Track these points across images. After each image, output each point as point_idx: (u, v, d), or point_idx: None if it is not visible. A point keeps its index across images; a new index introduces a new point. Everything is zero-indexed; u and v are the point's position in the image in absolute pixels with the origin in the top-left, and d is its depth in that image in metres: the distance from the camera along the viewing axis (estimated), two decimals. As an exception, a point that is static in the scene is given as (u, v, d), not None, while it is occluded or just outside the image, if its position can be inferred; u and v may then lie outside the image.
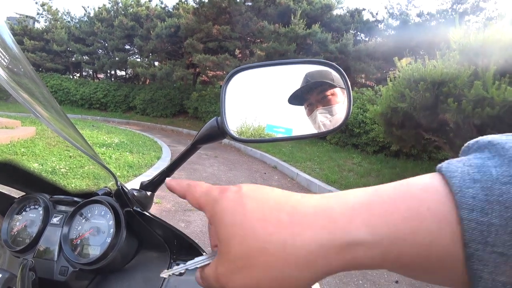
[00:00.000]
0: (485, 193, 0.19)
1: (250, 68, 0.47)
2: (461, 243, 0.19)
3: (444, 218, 0.20)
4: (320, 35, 9.92)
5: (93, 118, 13.06)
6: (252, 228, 0.23)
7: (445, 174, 0.21)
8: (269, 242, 0.23)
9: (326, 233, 0.22)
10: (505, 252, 0.18)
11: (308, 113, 0.50)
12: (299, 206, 0.24)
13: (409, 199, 0.21)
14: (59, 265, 0.52)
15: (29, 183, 0.64)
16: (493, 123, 3.17)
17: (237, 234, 0.24)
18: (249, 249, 0.23)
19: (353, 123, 7.37)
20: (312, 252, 0.22)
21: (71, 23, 17.68)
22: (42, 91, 0.56)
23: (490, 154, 0.21)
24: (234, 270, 0.24)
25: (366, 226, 0.21)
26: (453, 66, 3.27)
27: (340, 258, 0.22)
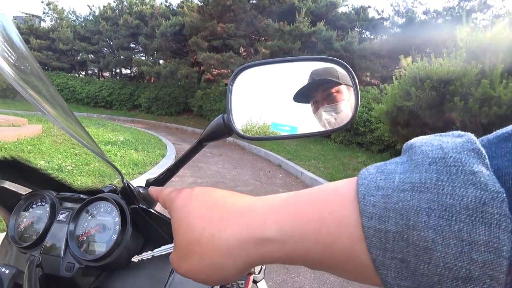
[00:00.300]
0: (384, 201, 0.20)
1: (256, 65, 0.47)
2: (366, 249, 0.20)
3: (343, 222, 0.21)
4: (325, 33, 9.87)
5: (99, 116, 13.14)
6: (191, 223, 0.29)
7: (358, 179, 0.22)
8: (202, 235, 0.27)
9: (245, 230, 0.25)
10: (404, 258, 0.19)
11: (314, 111, 0.49)
12: (230, 207, 0.28)
13: (316, 203, 0.23)
14: (65, 262, 0.52)
15: (36, 180, 0.64)
16: (500, 122, 3.14)
17: (182, 227, 0.30)
18: (189, 240, 0.28)
19: (358, 122, 7.33)
20: (233, 245, 0.26)
21: (77, 22, 17.80)
22: (49, 89, 0.57)
23: (405, 158, 0.22)
24: (181, 257, 0.29)
25: (276, 226, 0.24)
26: (460, 65, 3.23)
27: (256, 252, 0.25)
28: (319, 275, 2.47)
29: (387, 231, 0.19)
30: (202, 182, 4.72)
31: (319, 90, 0.49)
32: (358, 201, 0.21)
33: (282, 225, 0.24)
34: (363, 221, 0.20)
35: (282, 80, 0.49)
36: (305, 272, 2.50)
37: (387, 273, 0.20)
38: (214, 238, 0.27)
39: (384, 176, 0.21)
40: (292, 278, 2.40)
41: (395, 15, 11.67)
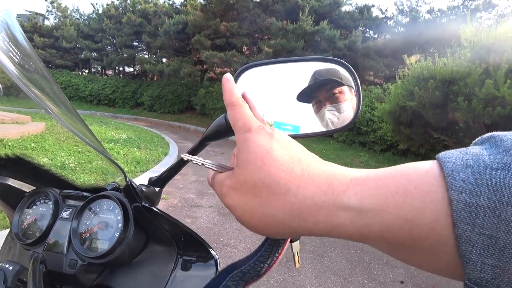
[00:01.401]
0: (475, 177, 0.20)
1: (259, 65, 0.47)
2: (450, 224, 0.20)
3: (429, 196, 0.21)
4: (329, 32, 9.85)
5: (102, 114, 13.20)
6: (269, 166, 0.26)
7: (440, 159, 0.22)
8: (277, 184, 0.26)
9: (323, 195, 0.24)
10: (493, 235, 0.19)
11: (316, 111, 0.49)
12: (313, 167, 0.27)
13: (399, 178, 0.23)
14: (68, 258, 0.53)
15: (40, 177, 0.65)
16: (504, 123, 3.12)
17: (255, 164, 0.27)
18: (259, 180, 0.26)
19: (361, 121, 7.32)
20: (306, 207, 0.25)
21: (80, 20, 17.88)
22: (53, 87, 0.57)
23: (488, 145, 0.22)
24: (237, 189, 0.28)
25: (356, 196, 0.23)
26: (464, 64, 3.22)
27: (327, 220, 0.24)
28: (320, 275, 2.48)
29: (478, 206, 0.19)
30: (204, 180, 4.73)
31: (322, 90, 0.49)
32: (445, 176, 0.21)
33: (362, 197, 0.23)
34: (451, 195, 0.20)
35: (284, 80, 0.49)
36: (305, 271, 2.50)
37: (472, 250, 0.19)
38: (289, 193, 0.25)
39: (470, 157, 0.21)
40: (293, 277, 2.40)
41: (399, 14, 11.63)
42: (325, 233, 0.25)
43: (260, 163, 0.27)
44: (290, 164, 0.27)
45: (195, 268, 0.54)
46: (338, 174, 0.25)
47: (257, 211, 0.27)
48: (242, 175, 0.27)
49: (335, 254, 2.85)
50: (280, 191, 0.25)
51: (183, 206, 3.60)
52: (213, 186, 0.32)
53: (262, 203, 0.26)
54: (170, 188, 4.15)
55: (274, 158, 0.27)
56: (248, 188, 0.27)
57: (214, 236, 2.94)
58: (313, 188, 0.25)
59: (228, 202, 0.29)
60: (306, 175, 0.26)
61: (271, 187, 0.26)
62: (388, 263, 2.77)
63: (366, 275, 2.55)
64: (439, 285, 2.50)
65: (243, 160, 0.28)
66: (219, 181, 0.31)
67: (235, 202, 0.28)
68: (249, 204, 0.27)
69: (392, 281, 2.49)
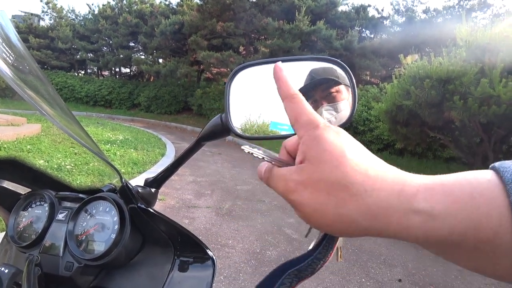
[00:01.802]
0: None
1: (255, 65, 0.47)
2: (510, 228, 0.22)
3: (494, 202, 0.23)
4: (325, 31, 9.86)
5: (98, 115, 13.14)
6: (345, 166, 0.26)
7: (498, 169, 0.24)
8: (353, 184, 0.26)
9: (396, 197, 0.25)
10: None
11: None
12: (382, 169, 0.27)
13: (465, 185, 0.24)
14: (65, 261, 0.53)
15: (35, 179, 0.64)
16: (500, 122, 3.14)
17: (330, 163, 0.27)
18: (335, 179, 0.26)
19: (358, 121, 7.34)
20: (380, 208, 0.25)
21: (76, 21, 17.76)
22: (47, 88, 0.57)
23: None
24: (309, 186, 0.27)
25: (425, 201, 0.24)
26: (459, 64, 3.23)
27: (398, 223, 0.25)
28: (318, 274, 2.48)
29: None
30: (202, 181, 4.72)
31: (319, 89, 0.49)
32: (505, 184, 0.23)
33: (432, 202, 0.24)
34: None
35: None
36: (304, 271, 2.51)
37: None
38: (365, 194, 0.26)
39: None
40: (292, 277, 2.40)
41: (395, 14, 11.67)
42: (394, 235, 0.26)
43: (336, 162, 0.27)
44: (364, 164, 0.27)
45: (192, 269, 0.54)
46: (408, 179, 0.26)
47: (331, 210, 0.27)
48: (316, 173, 0.27)
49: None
50: (357, 192, 0.26)
51: (180, 207, 3.60)
52: (271, 180, 0.32)
53: (337, 202, 0.26)
54: (167, 189, 4.14)
55: (349, 158, 0.27)
56: (323, 186, 0.27)
57: (212, 236, 2.93)
58: (387, 191, 0.25)
59: (297, 199, 0.28)
60: (380, 177, 0.26)
61: (348, 187, 0.26)
62: (385, 262, 2.78)
63: (364, 274, 2.56)
64: (436, 283, 2.52)
65: (316, 157, 0.28)
66: (281, 175, 0.30)
67: (306, 199, 0.28)
68: (323, 202, 0.27)
69: (390, 280, 2.50)
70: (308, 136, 0.29)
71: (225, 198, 4.06)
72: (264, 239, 3.00)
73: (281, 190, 0.30)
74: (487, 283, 2.59)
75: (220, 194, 4.22)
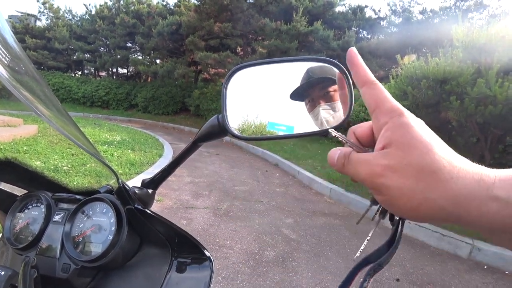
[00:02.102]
0: None
1: (252, 65, 0.47)
2: None
3: None
4: (322, 32, 9.88)
5: (95, 116, 13.09)
6: (434, 153, 0.28)
7: None
8: (442, 171, 0.27)
9: (477, 185, 0.27)
10: None
11: (310, 109, 0.49)
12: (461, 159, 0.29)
13: None
14: (61, 262, 0.52)
15: (32, 181, 0.64)
16: (496, 122, 3.16)
17: (421, 149, 0.28)
18: (426, 165, 0.28)
19: (355, 121, 7.31)
20: (463, 195, 0.27)
21: (73, 21, 17.69)
22: (44, 89, 0.56)
23: None
24: (398, 171, 0.28)
25: (502, 189, 0.26)
26: (456, 64, 3.25)
27: (478, 210, 0.26)
28: (316, 274, 2.48)
29: None
30: (200, 181, 4.71)
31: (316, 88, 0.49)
32: None
33: (508, 190, 0.26)
34: None
35: (277, 80, 0.49)
36: (302, 271, 2.51)
37: None
38: (452, 181, 0.27)
39: None
40: (290, 277, 2.40)
41: (392, 15, 11.72)
42: (472, 221, 0.27)
43: (425, 149, 0.28)
44: (448, 153, 0.28)
45: (190, 270, 0.54)
46: (484, 170, 0.28)
47: (418, 195, 0.28)
48: (405, 158, 0.28)
49: (331, 253, 2.86)
50: (444, 178, 0.27)
51: (178, 207, 3.59)
52: (349, 165, 0.33)
53: (425, 187, 0.27)
54: (165, 190, 4.13)
55: (436, 145, 0.28)
56: (412, 172, 0.28)
57: (210, 237, 2.93)
58: (469, 179, 0.27)
59: (385, 182, 0.29)
60: (462, 166, 0.28)
61: (437, 174, 0.27)
62: (383, 261, 2.79)
63: (362, 273, 2.56)
64: (434, 282, 2.52)
65: (404, 143, 0.29)
66: (364, 160, 0.31)
67: (394, 183, 0.29)
68: (410, 187, 0.28)
69: (388, 279, 2.51)
70: (393, 123, 0.30)
71: (223, 199, 4.05)
72: (262, 240, 3.00)
73: (365, 174, 0.31)
74: (484, 282, 2.60)
75: (218, 194, 4.22)
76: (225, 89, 0.47)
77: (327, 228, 3.43)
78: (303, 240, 3.08)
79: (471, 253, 3.01)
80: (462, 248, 3.06)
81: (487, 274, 2.76)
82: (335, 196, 4.49)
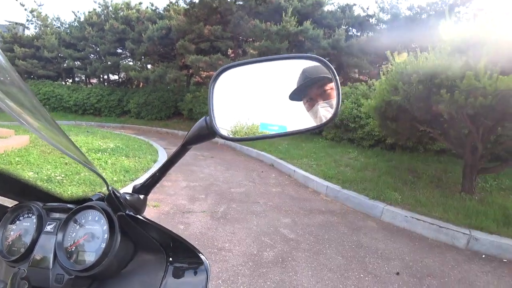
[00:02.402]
0: None
1: (239, 65, 0.47)
2: None
3: None
4: (312, 31, 9.93)
5: (88, 124, 12.97)
6: None
7: None
8: None
9: None
10: None
11: (308, 108, 0.50)
12: None
13: None
14: (55, 273, 0.51)
15: (22, 191, 0.63)
16: (487, 113, 3.20)
17: None
18: None
19: (348, 118, 7.39)
20: None
21: (61, 29, 17.51)
22: (31, 100, 0.56)
23: None
24: None
25: None
26: (445, 58, 3.28)
27: None
28: (316, 272, 2.48)
29: None
30: (195, 185, 4.70)
31: (314, 87, 0.50)
32: None
33: None
34: None
35: (266, 79, 0.49)
36: (302, 270, 2.51)
37: None
38: None
39: None
40: (290, 276, 2.40)
41: (381, 12, 11.80)
42: None
43: None
44: None
45: (186, 275, 0.53)
46: None
47: None
48: None
49: (330, 251, 2.86)
50: None
51: (175, 212, 3.57)
52: None
53: None
54: (161, 195, 4.11)
55: None
56: None
57: (208, 241, 2.91)
58: None
59: None
60: None
61: None
62: (383, 256, 2.80)
63: (362, 269, 2.57)
64: (433, 274, 2.54)
65: None
66: None
67: None
68: None
69: (388, 273, 2.52)
70: None
71: (219, 202, 4.04)
72: (260, 241, 2.99)
73: None
74: (483, 271, 2.63)
75: (214, 197, 4.20)
76: (212, 90, 0.47)
77: (325, 226, 3.44)
78: (301, 239, 3.08)
79: (468, 243, 3.05)
80: (460, 239, 3.09)
81: (486, 263, 2.79)
82: (331, 193, 4.50)
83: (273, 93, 0.49)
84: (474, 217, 3.34)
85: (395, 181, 4.64)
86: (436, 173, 5.13)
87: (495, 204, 3.72)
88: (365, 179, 4.75)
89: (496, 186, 4.50)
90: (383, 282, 2.41)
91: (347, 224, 3.53)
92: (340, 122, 7.59)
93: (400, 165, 5.57)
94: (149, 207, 3.64)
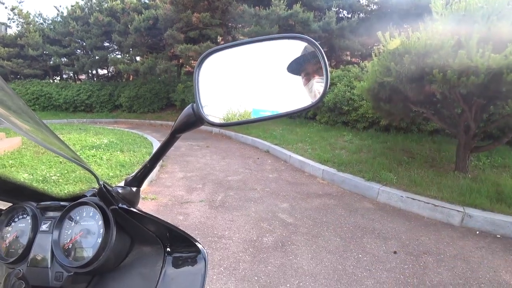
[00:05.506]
0: None
1: (224, 48, 0.46)
2: None
3: None
4: (302, 15, 9.78)
5: (79, 121, 12.82)
6: None
7: None
8: None
9: None
10: None
11: (305, 83, 0.50)
12: None
13: None
14: (54, 271, 0.52)
15: (15, 192, 0.62)
16: (479, 91, 3.21)
17: None
18: None
19: (341, 101, 7.38)
20: None
21: (45, 25, 17.06)
22: (17, 102, 0.55)
23: None
24: None
25: None
26: (437, 37, 3.26)
27: None
28: (316, 255, 2.53)
29: None
30: (192, 175, 4.70)
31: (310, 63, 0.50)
32: None
33: None
34: None
35: (252, 61, 0.48)
36: (301, 253, 2.55)
37: None
38: None
39: None
40: (290, 260, 2.44)
41: (370, -8, 11.64)
42: None
43: None
44: None
45: (184, 264, 0.54)
46: None
47: None
48: None
49: (328, 233, 2.91)
50: None
51: (173, 204, 3.58)
52: None
53: None
54: (158, 187, 4.11)
55: None
56: None
57: (208, 229, 2.94)
58: None
59: None
60: None
61: None
62: (380, 235, 2.86)
63: (361, 249, 2.62)
64: (429, 252, 2.60)
65: None
66: None
67: None
68: None
69: (386, 253, 2.57)
70: None
71: (217, 190, 4.06)
72: (259, 227, 3.02)
73: None
74: (478, 247, 2.70)
75: (211, 187, 4.22)
76: (197, 76, 0.46)
77: (323, 209, 3.48)
78: (300, 223, 3.12)
79: (463, 220, 3.11)
80: (454, 216, 3.15)
81: (480, 239, 2.86)
82: (327, 176, 4.54)
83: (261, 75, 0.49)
84: (467, 195, 3.40)
85: (390, 162, 4.69)
86: (430, 153, 5.19)
87: (488, 181, 3.78)
88: (360, 161, 4.79)
89: (489, 164, 4.57)
90: (381, 261, 2.46)
91: (344, 206, 3.58)
92: (333, 106, 7.58)
93: (395, 146, 5.62)
94: (147, 200, 3.64)
